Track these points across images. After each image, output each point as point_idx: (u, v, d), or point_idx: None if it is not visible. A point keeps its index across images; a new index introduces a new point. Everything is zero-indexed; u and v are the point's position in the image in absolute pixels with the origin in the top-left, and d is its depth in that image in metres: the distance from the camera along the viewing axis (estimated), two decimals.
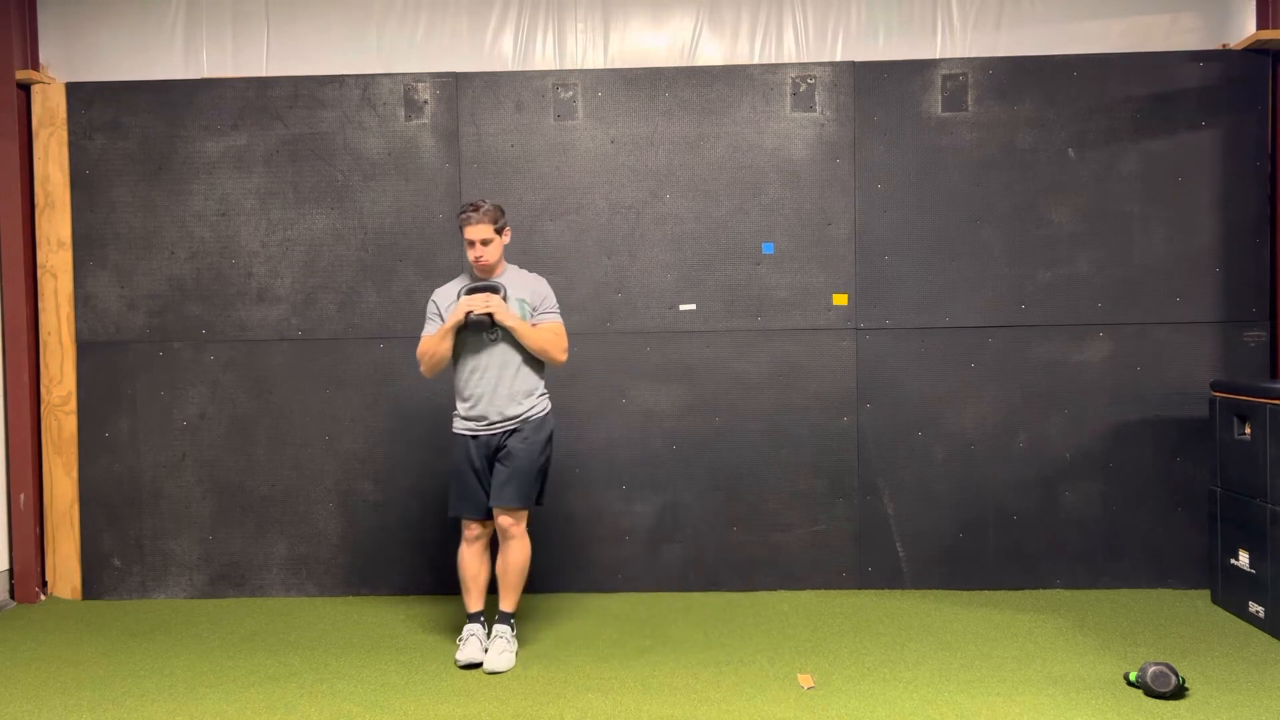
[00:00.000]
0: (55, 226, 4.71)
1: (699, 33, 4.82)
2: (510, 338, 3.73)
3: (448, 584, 4.70)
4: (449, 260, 4.66)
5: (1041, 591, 4.60)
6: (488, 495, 3.79)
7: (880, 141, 4.61)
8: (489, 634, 3.86)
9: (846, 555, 4.65)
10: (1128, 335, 4.59)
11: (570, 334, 4.59)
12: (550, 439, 3.86)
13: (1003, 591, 4.61)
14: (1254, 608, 4.06)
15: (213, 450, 4.71)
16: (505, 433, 3.77)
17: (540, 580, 4.68)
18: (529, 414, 3.78)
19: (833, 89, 4.61)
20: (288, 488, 4.71)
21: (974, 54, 4.74)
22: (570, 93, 4.65)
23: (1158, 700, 3.33)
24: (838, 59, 4.76)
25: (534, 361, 3.80)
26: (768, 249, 4.63)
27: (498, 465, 3.77)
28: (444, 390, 4.66)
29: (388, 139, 4.67)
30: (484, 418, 3.76)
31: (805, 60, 4.78)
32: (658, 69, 4.66)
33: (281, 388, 4.70)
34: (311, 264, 4.69)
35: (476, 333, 3.74)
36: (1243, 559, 4.13)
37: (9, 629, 4.33)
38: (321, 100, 4.67)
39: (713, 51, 4.83)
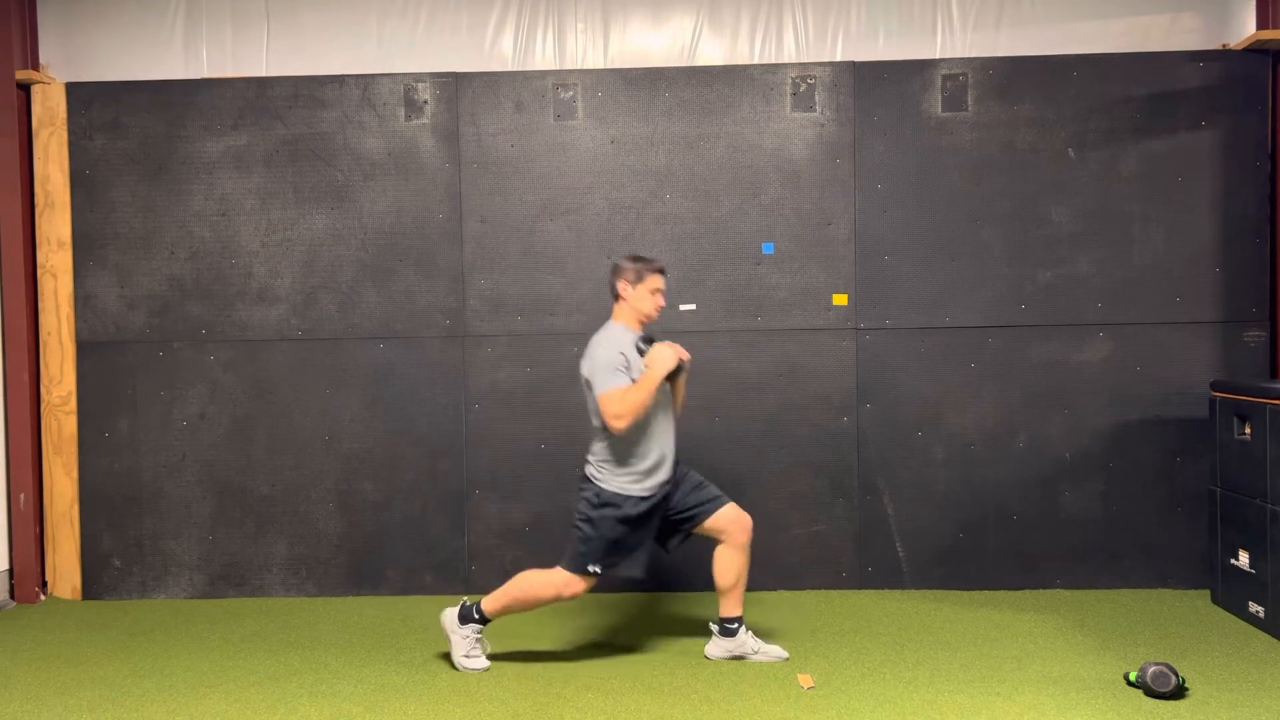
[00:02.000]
0: (55, 226, 4.71)
1: (699, 33, 4.82)
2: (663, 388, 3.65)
3: (448, 584, 4.70)
4: (449, 260, 4.66)
5: (1041, 591, 4.60)
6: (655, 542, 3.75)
7: (880, 141, 4.61)
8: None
9: (846, 555, 4.65)
10: (1128, 335, 4.59)
11: (570, 334, 4.64)
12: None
13: (1003, 591, 4.61)
14: (1254, 608, 4.06)
15: (213, 450, 4.71)
16: (674, 478, 3.73)
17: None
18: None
19: (833, 89, 4.61)
20: (288, 488, 4.71)
21: (974, 54, 4.75)
22: (570, 93, 4.65)
23: (1158, 700, 3.33)
24: (838, 59, 4.76)
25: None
26: (768, 249, 4.63)
27: (686, 480, 3.76)
28: (444, 390, 4.67)
29: (388, 139, 4.67)
30: (666, 475, 3.69)
31: (805, 60, 4.78)
32: (658, 69, 4.66)
33: (281, 388, 4.70)
34: (311, 264, 4.69)
35: (660, 387, 3.63)
36: (1243, 559, 4.13)
37: (9, 629, 4.33)
38: (321, 100, 4.67)
39: (713, 51, 4.83)
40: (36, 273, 4.72)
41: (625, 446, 3.64)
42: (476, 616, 3.73)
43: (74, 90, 4.69)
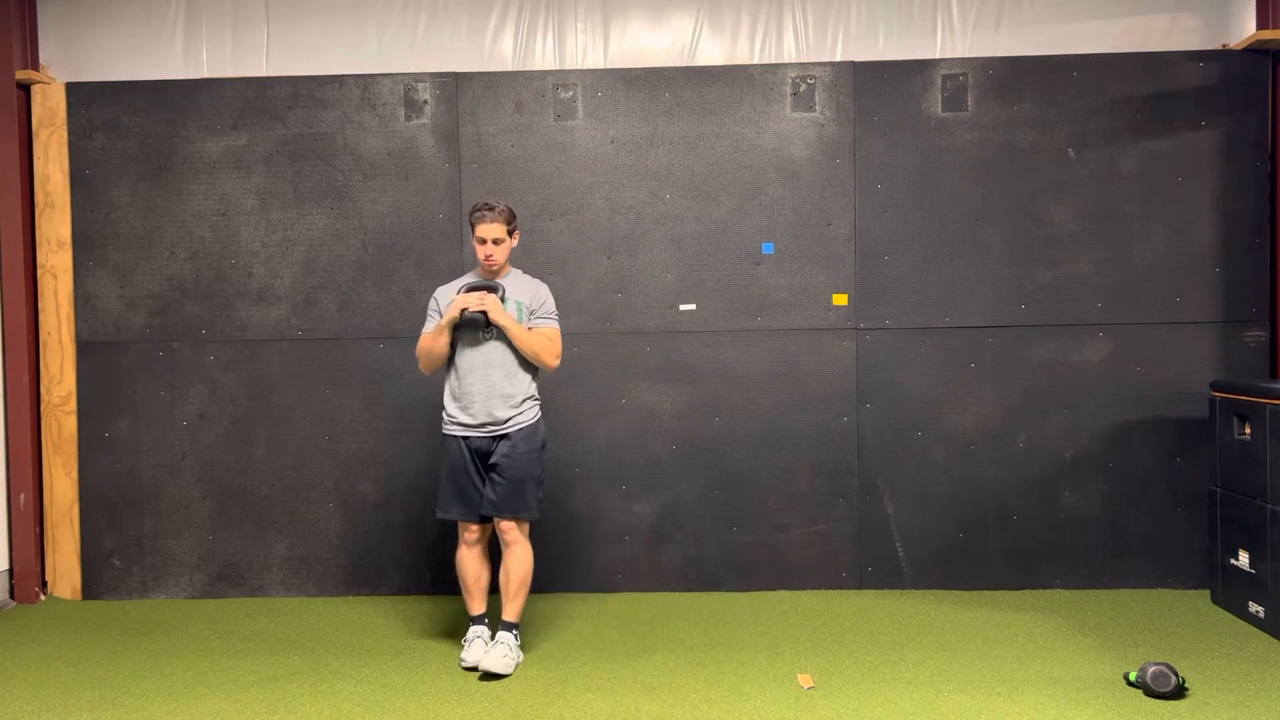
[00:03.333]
0: (55, 226, 4.71)
1: (699, 33, 4.82)
2: (504, 339, 3.72)
3: (448, 584, 4.70)
4: (449, 260, 4.66)
5: (1041, 591, 4.60)
6: (481, 497, 3.76)
7: (880, 141, 4.61)
8: (493, 636, 3.84)
9: (846, 555, 4.65)
10: (1128, 335, 4.59)
11: (570, 334, 4.62)
12: (543, 446, 3.83)
13: (1003, 591, 4.61)
14: (1254, 608, 4.06)
15: (213, 450, 4.71)
16: (494, 438, 3.74)
17: (540, 580, 4.68)
18: (518, 420, 3.74)
19: (833, 89, 4.61)
20: (288, 488, 4.71)
21: (974, 54, 4.75)
22: (570, 93, 4.65)
23: (1158, 700, 3.33)
24: (838, 59, 4.76)
25: (526, 366, 3.77)
26: (768, 249, 4.63)
27: (492, 475, 3.74)
28: (443, 390, 4.66)
29: (388, 139, 4.67)
30: (474, 419, 3.74)
31: (805, 60, 4.78)
32: (658, 69, 4.66)
33: (281, 388, 4.70)
34: (311, 264, 4.69)
35: (472, 331, 3.73)
36: (1243, 559, 4.13)
37: (9, 629, 4.33)
38: (321, 100, 4.67)
39: (713, 51, 4.83)
40: (36, 273, 4.72)
41: (448, 385, 3.83)
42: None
43: (74, 90, 4.69)
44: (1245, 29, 4.65)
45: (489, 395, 3.72)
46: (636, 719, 3.27)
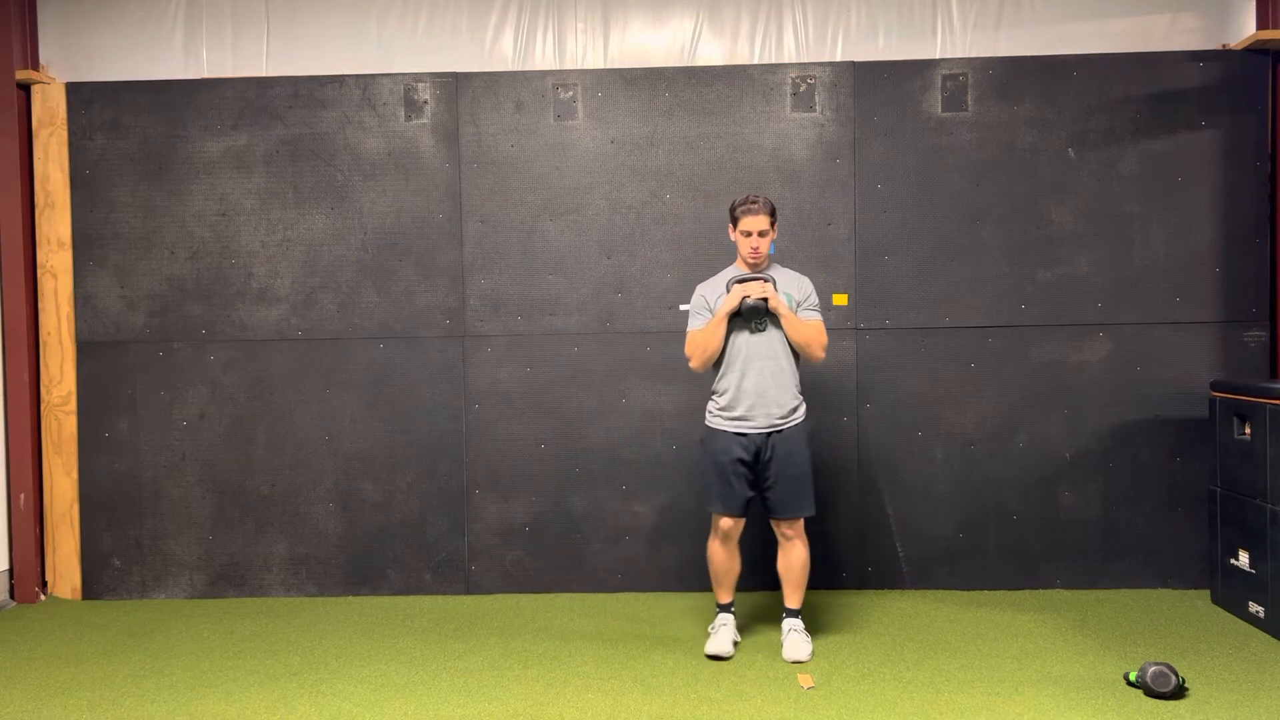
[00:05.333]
0: (55, 226, 4.71)
1: (699, 33, 4.82)
2: (776, 333, 3.71)
3: (448, 584, 4.71)
4: (449, 260, 4.66)
5: (1041, 591, 4.60)
6: (751, 492, 3.78)
7: (880, 141, 4.61)
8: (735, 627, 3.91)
9: (846, 555, 4.65)
10: (1128, 335, 4.59)
11: (570, 334, 4.63)
12: (811, 437, 3.86)
13: (1003, 591, 4.61)
14: (1254, 608, 4.06)
15: (213, 450, 4.71)
16: (771, 432, 3.73)
17: (540, 580, 4.69)
18: (794, 417, 3.77)
19: (833, 89, 4.61)
20: (288, 488, 4.71)
21: (974, 54, 4.74)
22: (570, 93, 4.65)
23: (1158, 700, 3.33)
24: (838, 59, 4.76)
25: (797, 359, 3.79)
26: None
27: (772, 474, 3.74)
28: (443, 390, 4.67)
29: (388, 139, 4.67)
30: (751, 416, 3.73)
31: (805, 60, 4.78)
32: (658, 69, 4.66)
33: (281, 388, 4.71)
34: (311, 264, 4.69)
35: (746, 323, 3.71)
36: (1243, 559, 4.13)
37: (9, 629, 4.33)
38: (321, 100, 4.67)
39: (713, 51, 4.83)
40: (36, 273, 4.72)
41: (712, 382, 3.87)
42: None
43: (74, 90, 4.69)
44: (1245, 29, 4.66)
45: (767, 389, 3.72)
46: (636, 719, 3.27)
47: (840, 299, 4.62)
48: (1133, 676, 3.43)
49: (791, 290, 3.78)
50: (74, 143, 4.69)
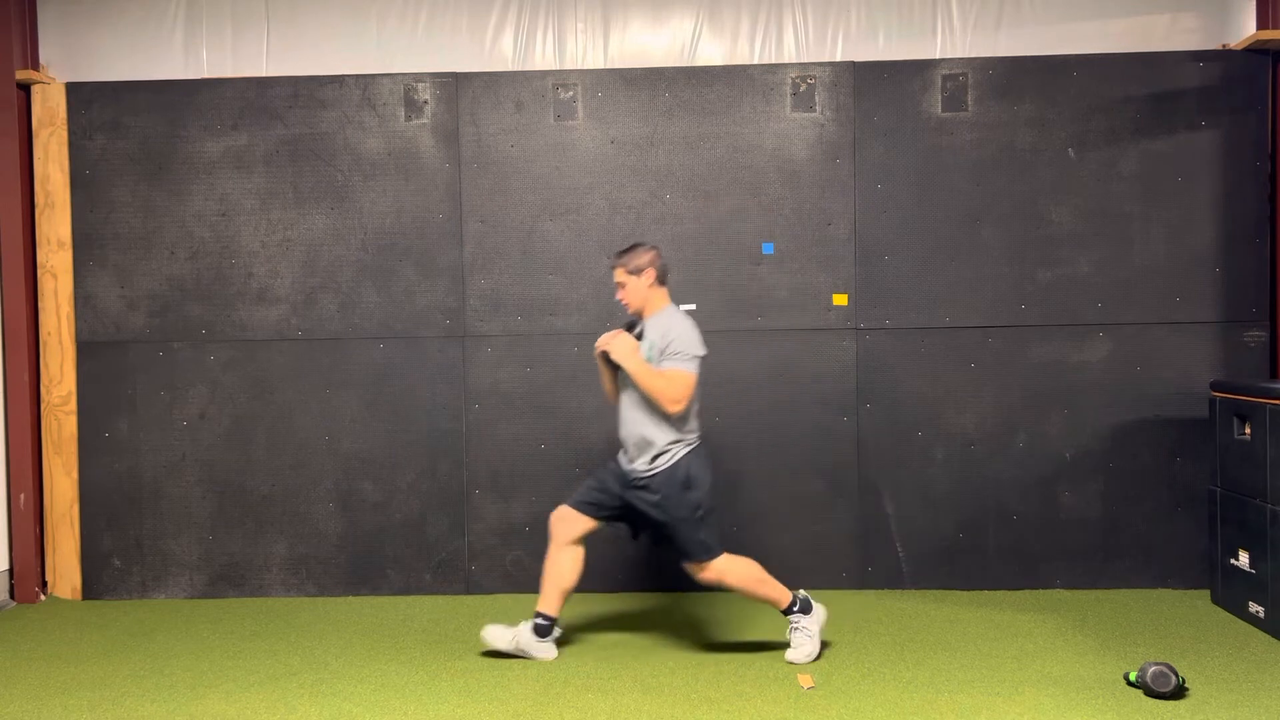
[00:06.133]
0: (55, 226, 4.71)
1: (699, 33, 4.82)
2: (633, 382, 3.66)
3: (448, 584, 4.71)
4: (449, 260, 4.66)
5: (1041, 591, 4.60)
6: (602, 499, 3.76)
7: (880, 141, 4.61)
8: (540, 634, 3.81)
9: (846, 555, 4.65)
10: (1128, 335, 4.59)
11: (571, 334, 4.63)
12: (688, 484, 3.63)
13: (1003, 591, 4.61)
14: (1254, 608, 4.06)
15: (213, 450, 4.71)
16: (632, 484, 3.70)
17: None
18: (653, 469, 3.65)
19: (833, 89, 4.61)
20: (288, 488, 4.71)
21: (974, 54, 4.74)
22: (570, 93, 4.65)
23: (1158, 700, 3.33)
24: (838, 59, 4.76)
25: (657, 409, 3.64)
26: (768, 249, 4.63)
27: (640, 520, 3.75)
28: (443, 390, 4.67)
29: (388, 139, 4.67)
30: (624, 458, 3.77)
31: (805, 60, 4.78)
32: (658, 69, 4.66)
33: (281, 388, 4.71)
34: (311, 264, 4.69)
35: (620, 369, 3.71)
36: (1243, 559, 4.13)
37: (9, 629, 4.33)
38: (321, 100, 4.67)
39: (713, 51, 4.83)
40: (36, 273, 4.72)
41: None
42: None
43: (74, 90, 4.69)
44: (1245, 29, 4.66)
45: (626, 435, 3.74)
46: (636, 719, 3.27)
47: (840, 299, 4.62)
48: (1133, 676, 3.43)
49: (655, 338, 3.68)
50: (74, 143, 4.69)
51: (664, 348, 3.63)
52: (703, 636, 4.04)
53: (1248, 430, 4.10)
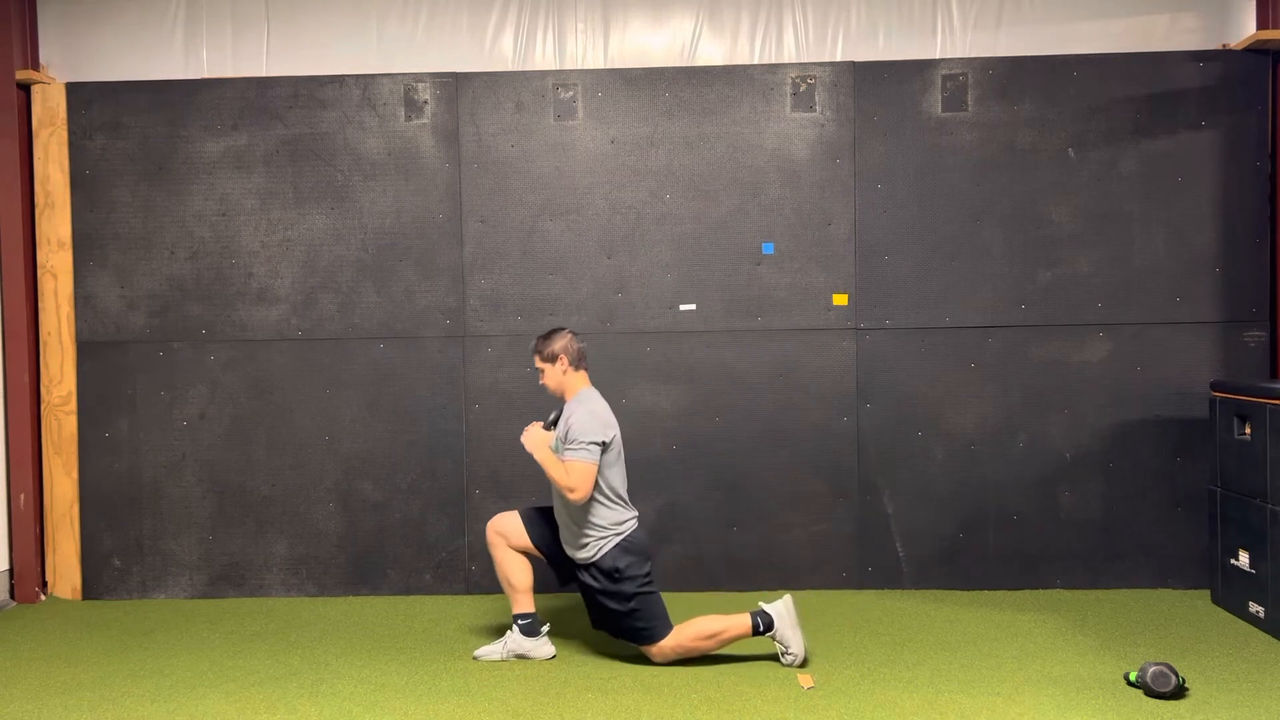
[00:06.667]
0: (55, 226, 4.71)
1: (699, 33, 4.82)
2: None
3: (448, 584, 4.71)
4: (449, 260, 4.66)
5: (1041, 591, 4.60)
6: (539, 539, 3.82)
7: (880, 141, 4.61)
8: (529, 633, 3.83)
9: (846, 555, 4.65)
10: (1128, 335, 4.59)
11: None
12: (614, 576, 3.63)
13: (1003, 591, 4.61)
14: (1254, 608, 4.06)
15: (213, 450, 4.71)
16: (577, 561, 3.73)
17: (540, 580, 4.68)
18: (583, 555, 3.70)
19: (833, 89, 4.61)
20: (288, 488, 4.71)
21: (974, 54, 4.74)
22: (570, 93, 4.65)
23: (1158, 700, 3.33)
24: (838, 59, 4.76)
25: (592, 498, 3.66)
26: (768, 249, 4.63)
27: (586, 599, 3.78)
28: (443, 390, 4.67)
29: (388, 139, 4.67)
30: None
31: (805, 60, 4.77)
32: (658, 69, 4.66)
33: (281, 388, 4.70)
34: (311, 264, 4.69)
35: None
36: (1243, 559, 4.13)
37: (9, 629, 4.33)
38: (321, 100, 4.67)
39: (713, 51, 4.83)
40: (36, 273, 4.72)
41: None
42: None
43: (74, 90, 4.69)
44: (1245, 29, 4.65)
45: (561, 526, 3.77)
46: (636, 719, 3.27)
47: (840, 299, 4.62)
48: (1133, 676, 3.43)
49: (562, 427, 3.71)
50: (74, 143, 4.69)
51: (563, 436, 3.67)
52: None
53: (1248, 430, 4.10)
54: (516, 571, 3.81)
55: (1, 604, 4.66)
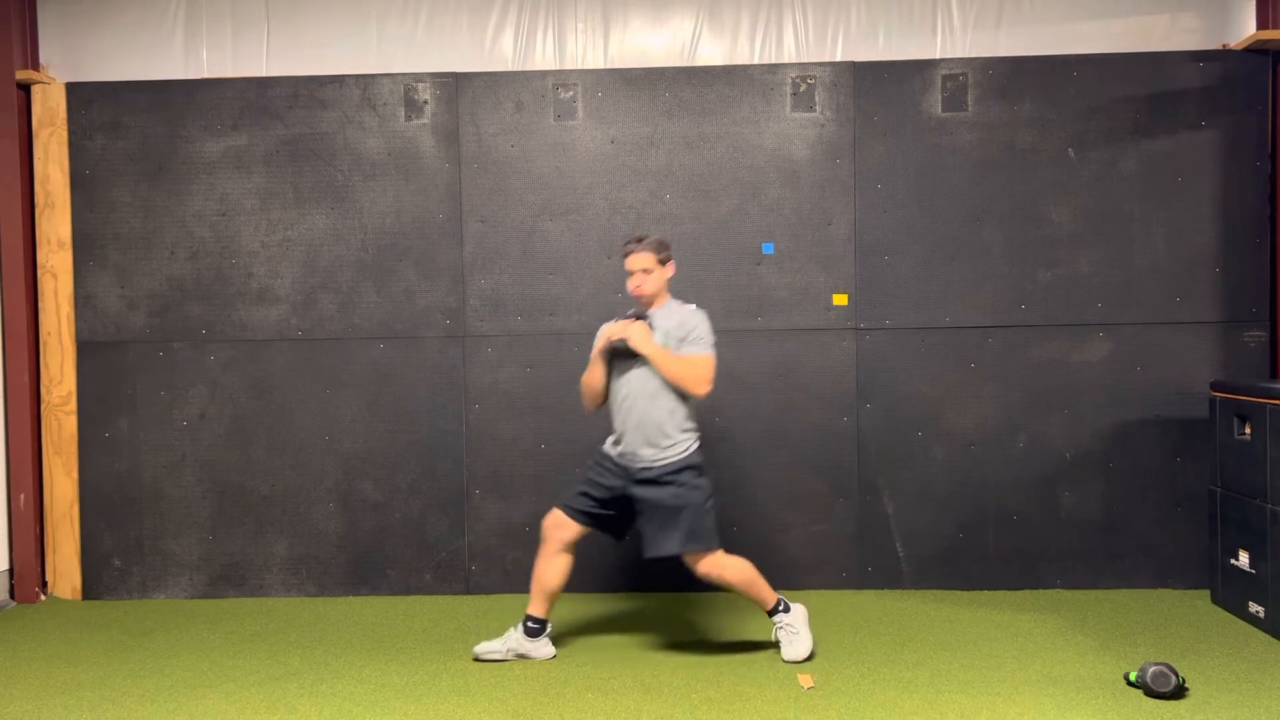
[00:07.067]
0: (55, 226, 4.71)
1: (699, 33, 4.82)
2: (648, 371, 3.66)
3: (448, 584, 4.71)
4: (449, 260, 4.66)
5: (1041, 591, 4.60)
6: (594, 505, 3.76)
7: (880, 141, 4.61)
8: (532, 635, 3.82)
9: (846, 555, 4.65)
10: (1128, 335, 4.59)
11: (571, 334, 4.62)
12: (700, 471, 3.70)
13: (1003, 591, 4.61)
14: (1254, 608, 4.06)
15: (213, 450, 4.71)
16: (636, 478, 3.69)
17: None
18: (665, 459, 3.66)
19: (833, 89, 4.61)
20: (288, 488, 4.71)
21: (974, 54, 4.74)
22: (570, 93, 4.65)
23: (1158, 700, 3.33)
24: (838, 59, 4.76)
25: (676, 395, 3.68)
26: (768, 249, 4.63)
27: (643, 509, 3.70)
28: (443, 390, 4.67)
29: (388, 139, 4.67)
30: (627, 453, 3.72)
31: (805, 60, 4.78)
32: (658, 69, 4.66)
33: (281, 388, 4.71)
34: (311, 264, 4.69)
35: (624, 361, 3.71)
36: (1243, 559, 4.13)
37: (9, 629, 4.33)
38: (321, 100, 4.67)
39: (713, 51, 4.83)
40: (36, 273, 4.72)
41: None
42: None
43: (74, 90, 4.69)
44: (1245, 29, 4.66)
45: (633, 431, 3.71)
46: (636, 719, 3.27)
47: (840, 299, 4.62)
48: (1133, 676, 3.43)
49: (670, 327, 3.70)
50: (74, 143, 4.69)
51: (683, 336, 3.69)
52: (703, 637, 4.04)
53: (1248, 430, 4.10)
54: (555, 575, 3.79)
55: (1, 604, 4.66)
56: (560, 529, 3.79)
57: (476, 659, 3.81)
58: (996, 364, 4.61)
